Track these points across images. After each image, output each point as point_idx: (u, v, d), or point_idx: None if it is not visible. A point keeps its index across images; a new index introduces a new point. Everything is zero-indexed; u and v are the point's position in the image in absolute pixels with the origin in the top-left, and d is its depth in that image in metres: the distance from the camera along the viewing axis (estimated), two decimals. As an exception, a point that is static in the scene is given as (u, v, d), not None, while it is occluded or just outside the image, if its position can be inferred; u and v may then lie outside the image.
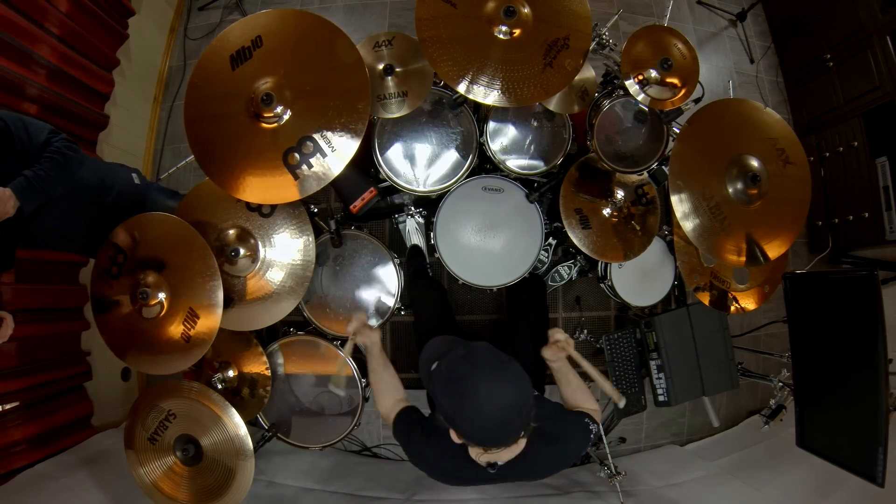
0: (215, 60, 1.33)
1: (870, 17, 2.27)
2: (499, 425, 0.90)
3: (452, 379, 0.92)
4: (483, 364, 0.91)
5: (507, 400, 0.89)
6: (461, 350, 0.95)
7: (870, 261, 2.48)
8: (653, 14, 2.79)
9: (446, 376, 0.93)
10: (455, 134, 1.75)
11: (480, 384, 0.88)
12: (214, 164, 1.33)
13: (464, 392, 0.89)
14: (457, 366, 0.92)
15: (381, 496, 2.02)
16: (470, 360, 0.92)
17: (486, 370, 0.90)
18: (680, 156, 1.43)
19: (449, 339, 1.09)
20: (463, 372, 0.91)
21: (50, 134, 1.35)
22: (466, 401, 0.89)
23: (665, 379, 1.96)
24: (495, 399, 0.88)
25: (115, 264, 1.46)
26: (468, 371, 0.91)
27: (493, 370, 0.90)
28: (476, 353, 0.94)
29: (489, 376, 0.89)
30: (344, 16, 2.73)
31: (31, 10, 1.80)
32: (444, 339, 1.08)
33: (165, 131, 2.69)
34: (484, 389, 0.88)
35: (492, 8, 1.37)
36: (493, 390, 0.88)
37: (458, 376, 0.91)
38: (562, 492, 2.08)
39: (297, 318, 1.77)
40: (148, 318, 1.43)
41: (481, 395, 0.88)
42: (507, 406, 0.89)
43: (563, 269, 2.26)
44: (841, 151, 2.45)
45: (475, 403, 0.88)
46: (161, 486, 1.56)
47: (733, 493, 1.95)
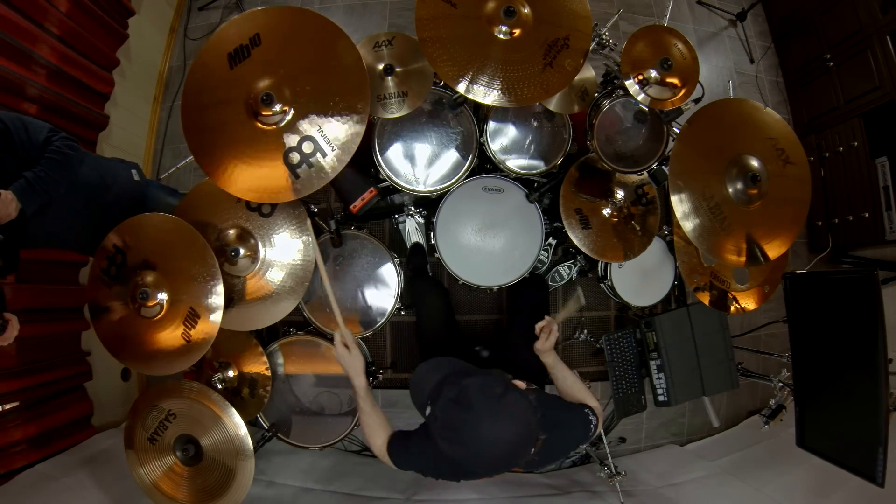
0: (213, 59, 1.32)
1: (870, 17, 2.28)
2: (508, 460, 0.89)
3: (449, 427, 0.89)
4: (477, 405, 0.88)
5: (510, 437, 0.87)
6: (452, 392, 0.91)
7: (870, 261, 2.48)
8: (653, 14, 2.79)
9: (443, 424, 0.90)
10: (455, 134, 1.75)
11: (480, 429, 0.85)
12: (214, 164, 1.32)
13: (464, 441, 0.87)
14: (451, 412, 0.89)
15: (381, 496, 2.02)
16: (463, 404, 0.88)
17: (481, 412, 0.87)
18: (680, 156, 1.43)
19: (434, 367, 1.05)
20: (459, 419, 0.88)
21: (50, 132, 1.35)
22: (468, 449, 0.87)
23: (665, 379, 1.96)
24: (499, 440, 0.86)
25: (113, 265, 1.46)
26: (464, 417, 0.87)
27: (489, 409, 0.87)
28: (467, 393, 0.90)
29: (486, 417, 0.86)
30: (344, 16, 2.73)
31: (31, 10, 1.80)
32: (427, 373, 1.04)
33: (165, 131, 2.69)
34: (486, 434, 0.85)
35: (492, 8, 1.37)
36: (495, 433, 0.86)
37: (455, 424, 0.88)
38: (562, 492, 2.08)
39: (297, 318, 1.77)
40: (147, 319, 1.43)
41: (484, 441, 0.85)
42: (512, 442, 0.87)
43: (563, 269, 2.26)
44: (841, 151, 2.45)
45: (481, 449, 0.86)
46: (161, 486, 1.56)
47: (733, 493, 1.95)
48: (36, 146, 1.32)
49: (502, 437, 0.86)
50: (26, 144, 1.30)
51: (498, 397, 0.88)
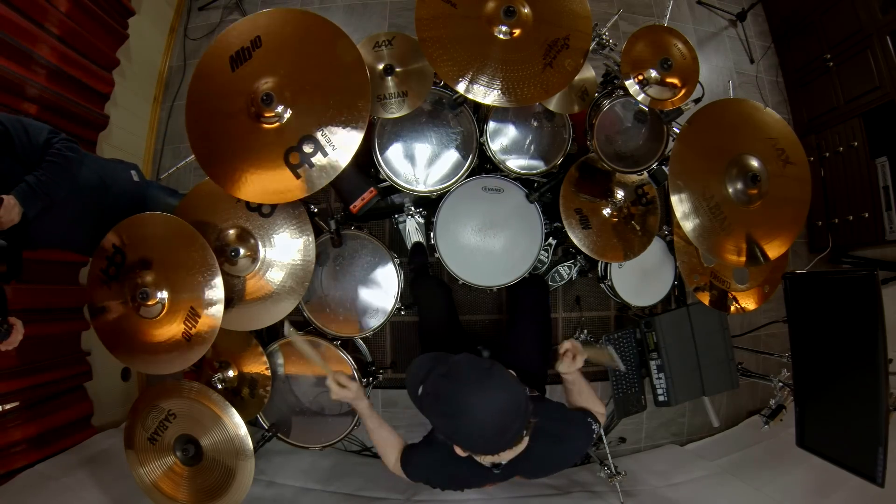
0: (215, 62, 1.33)
1: (870, 17, 2.28)
2: (499, 433, 0.90)
3: (441, 399, 0.92)
4: (466, 377, 0.91)
5: (500, 406, 0.89)
6: (442, 368, 0.94)
7: (870, 261, 2.48)
8: (653, 14, 2.79)
9: (434, 398, 0.93)
10: (455, 134, 1.75)
11: (470, 399, 0.88)
12: (216, 165, 1.33)
13: (456, 410, 0.89)
14: (441, 386, 0.92)
15: (381, 496, 2.02)
16: (453, 377, 0.91)
17: (471, 383, 0.89)
18: (680, 156, 1.43)
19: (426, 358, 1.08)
20: (449, 390, 0.90)
21: (50, 134, 1.35)
22: (461, 418, 0.89)
23: (665, 379, 1.96)
24: (489, 409, 0.88)
25: (112, 264, 1.46)
26: (454, 388, 0.90)
27: (479, 381, 0.90)
28: (457, 367, 0.93)
29: (476, 388, 0.89)
30: (344, 16, 2.73)
31: (31, 10, 1.80)
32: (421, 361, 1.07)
33: (165, 131, 2.69)
34: (475, 403, 0.88)
35: (492, 8, 1.37)
36: (483, 401, 0.88)
37: (446, 396, 0.91)
38: (562, 492, 2.08)
39: (298, 318, 1.77)
40: (147, 318, 1.43)
41: (474, 409, 0.88)
42: (501, 412, 0.89)
43: (563, 269, 2.26)
44: (841, 151, 2.45)
45: (470, 419, 0.88)
46: (161, 486, 1.56)
47: (733, 493, 1.95)
48: (36, 148, 1.32)
49: (493, 407, 0.88)
50: (26, 146, 1.31)
51: (486, 370, 0.92)
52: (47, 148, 1.33)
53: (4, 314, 1.32)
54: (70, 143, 1.38)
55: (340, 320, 1.76)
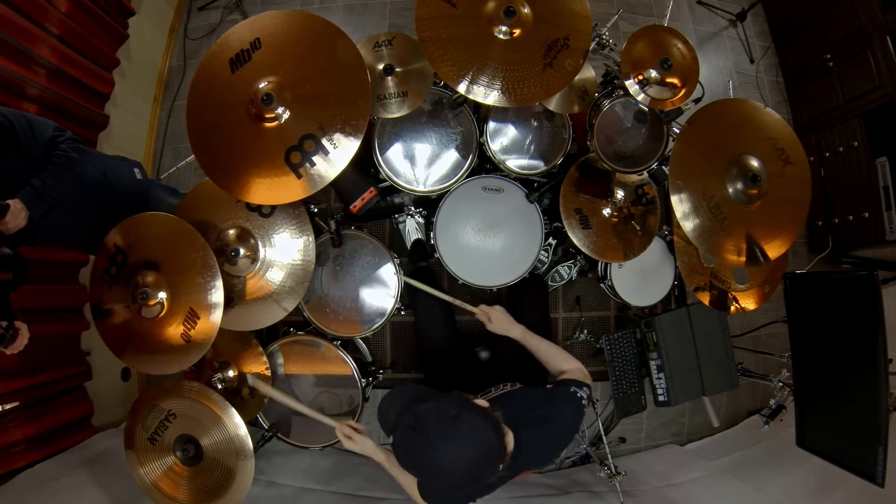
0: (215, 65, 1.33)
1: (870, 17, 2.28)
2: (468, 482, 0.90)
3: (408, 453, 0.92)
4: (432, 430, 0.89)
5: (469, 456, 0.88)
6: (409, 419, 0.92)
7: (870, 261, 2.48)
8: (653, 14, 2.79)
9: (404, 450, 0.92)
10: (455, 134, 1.75)
11: (437, 453, 0.87)
12: (217, 166, 1.33)
13: (423, 465, 0.90)
14: (409, 439, 0.91)
15: (381, 496, 2.02)
16: (419, 429, 0.90)
17: (436, 436, 0.88)
18: (680, 156, 1.43)
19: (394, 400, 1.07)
20: (416, 444, 0.90)
21: (55, 131, 1.36)
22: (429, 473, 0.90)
23: (665, 379, 1.96)
24: (458, 461, 0.87)
25: (114, 264, 1.46)
26: (419, 443, 0.89)
27: (444, 432, 0.88)
28: (422, 419, 0.91)
29: (441, 442, 0.88)
30: (344, 16, 2.73)
31: (31, 10, 1.80)
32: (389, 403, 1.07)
33: (165, 131, 2.69)
34: (442, 457, 0.87)
35: (492, 8, 1.37)
36: (452, 454, 0.87)
37: (413, 450, 0.91)
38: (562, 492, 2.08)
39: (298, 319, 1.77)
40: (148, 318, 1.43)
41: (442, 463, 0.88)
42: (471, 461, 0.88)
43: (563, 269, 2.26)
44: (841, 151, 2.45)
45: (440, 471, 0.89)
46: (161, 486, 1.56)
47: (733, 493, 1.95)
48: (40, 144, 1.33)
49: (460, 457, 0.88)
50: (31, 142, 1.31)
51: (452, 419, 0.89)
52: (52, 145, 1.34)
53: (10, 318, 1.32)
54: (75, 144, 1.39)
55: (340, 320, 1.76)
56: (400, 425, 0.92)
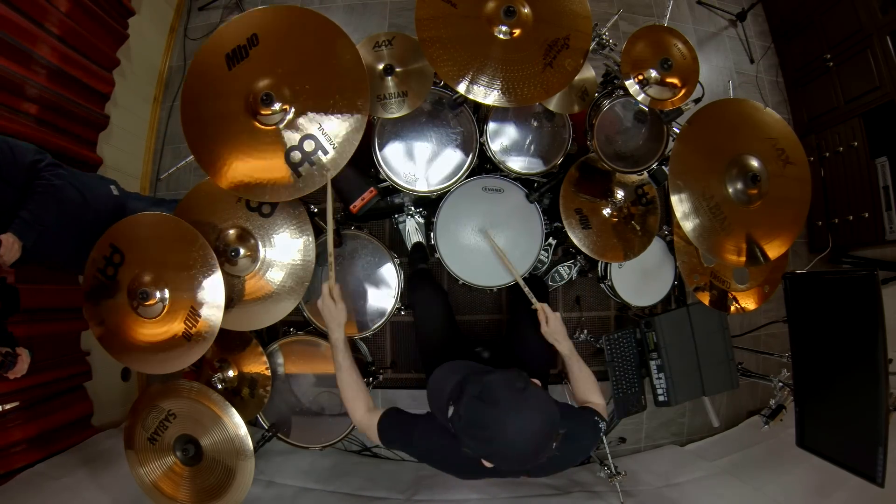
0: (210, 60, 1.32)
1: (870, 17, 2.28)
2: (535, 453, 0.90)
3: (476, 424, 0.90)
4: (503, 401, 0.88)
5: (537, 429, 0.88)
6: (475, 389, 0.91)
7: (870, 261, 2.48)
8: (653, 14, 2.79)
9: (468, 422, 0.91)
10: (455, 134, 1.75)
11: (507, 424, 0.87)
12: (215, 165, 1.33)
13: (493, 436, 0.88)
14: (475, 410, 0.90)
15: (381, 496, 2.02)
16: (488, 400, 0.89)
17: (507, 407, 0.88)
18: (680, 156, 1.43)
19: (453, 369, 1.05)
20: (485, 415, 0.89)
21: (36, 155, 1.39)
22: (497, 444, 0.88)
23: (665, 379, 1.96)
24: (526, 433, 0.87)
25: (110, 264, 1.45)
26: (489, 413, 0.88)
27: (515, 403, 0.88)
28: (491, 389, 0.90)
29: (513, 412, 0.87)
30: (344, 16, 2.73)
31: (31, 10, 1.80)
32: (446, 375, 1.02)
33: (165, 131, 2.69)
34: (512, 428, 0.87)
35: (492, 8, 1.37)
36: (521, 426, 0.87)
37: (481, 421, 0.89)
38: (562, 492, 2.08)
39: (298, 318, 1.77)
40: (147, 318, 1.42)
41: (511, 434, 0.87)
42: (538, 433, 0.89)
43: (563, 269, 2.26)
44: (841, 151, 2.45)
45: (507, 443, 0.88)
46: (161, 486, 1.56)
47: (733, 493, 1.95)
48: (21, 168, 1.36)
49: (529, 430, 0.88)
50: (11, 167, 1.35)
51: (521, 391, 0.90)
52: (33, 171, 1.38)
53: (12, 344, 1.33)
54: (55, 169, 1.42)
55: (340, 320, 1.76)
56: (466, 396, 0.92)
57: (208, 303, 1.39)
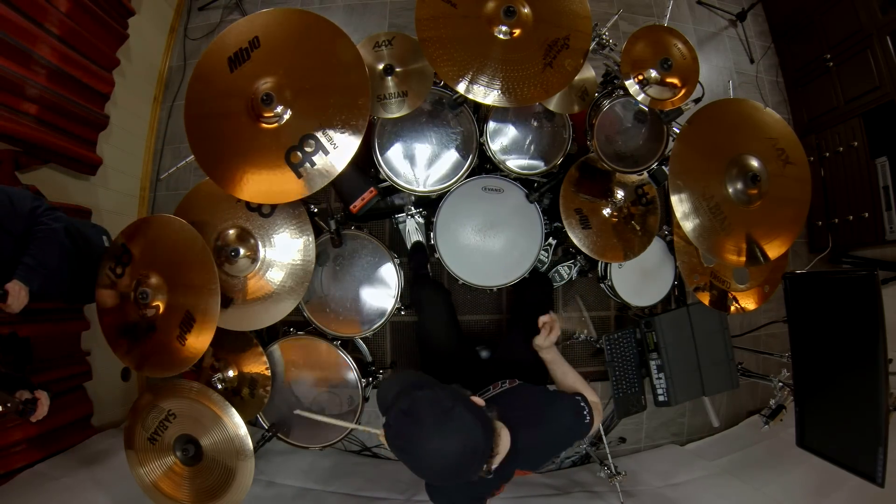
0: (213, 63, 1.33)
1: (870, 17, 2.28)
2: (453, 474, 0.91)
3: (397, 436, 0.92)
4: (424, 419, 0.89)
5: (452, 452, 0.89)
6: (404, 403, 0.93)
7: (870, 261, 2.48)
8: (653, 14, 2.79)
9: (394, 433, 0.93)
10: (455, 134, 1.75)
11: (424, 442, 0.88)
12: (217, 166, 1.33)
13: (409, 450, 0.91)
14: (401, 423, 0.92)
15: (381, 496, 2.02)
16: (412, 416, 0.90)
17: (426, 426, 0.89)
18: (680, 156, 1.43)
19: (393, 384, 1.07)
20: (405, 429, 0.91)
21: (34, 202, 1.40)
22: (413, 459, 0.91)
23: (665, 379, 1.96)
24: (441, 455, 0.88)
25: (119, 264, 1.47)
26: (410, 429, 0.90)
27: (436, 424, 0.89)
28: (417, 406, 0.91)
29: (433, 432, 0.88)
30: (344, 16, 2.73)
31: (31, 10, 1.80)
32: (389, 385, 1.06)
33: (165, 131, 2.69)
34: (429, 447, 0.88)
35: (492, 8, 1.37)
36: (438, 446, 0.88)
37: (402, 434, 0.91)
38: (562, 492, 2.08)
39: (298, 318, 1.77)
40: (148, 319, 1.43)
41: (424, 453, 0.89)
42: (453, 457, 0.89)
43: (563, 269, 2.26)
44: (841, 151, 2.45)
45: (421, 461, 0.90)
46: (161, 486, 1.56)
47: (733, 493, 1.95)
48: (21, 216, 1.36)
49: (446, 451, 0.88)
50: (11, 215, 1.35)
51: (446, 411, 0.90)
52: (32, 218, 1.38)
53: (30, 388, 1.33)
54: (54, 213, 1.43)
55: (340, 320, 1.76)
56: (395, 408, 0.93)
57: (204, 308, 1.40)
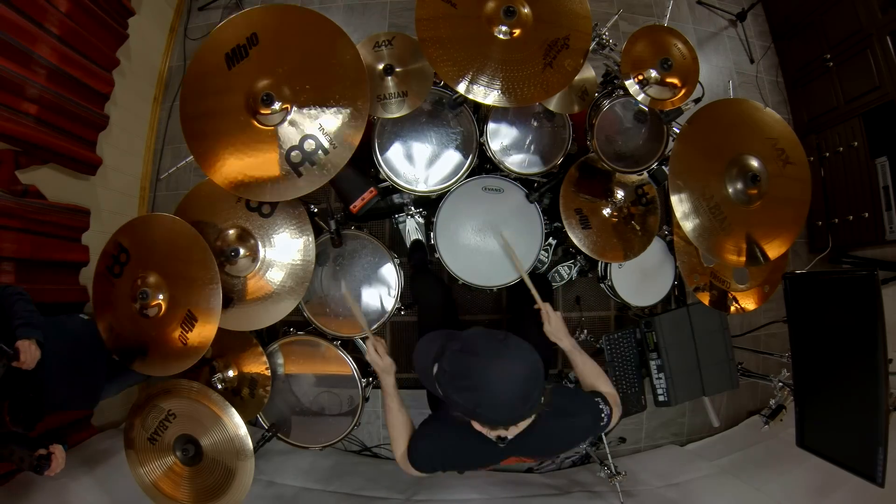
0: (210, 59, 1.32)
1: (870, 17, 2.27)
2: (520, 401, 0.90)
3: (459, 375, 0.92)
4: (482, 350, 0.91)
5: (519, 373, 0.90)
6: (456, 344, 0.94)
7: (870, 261, 2.48)
8: (653, 14, 2.79)
9: (452, 374, 0.93)
10: (455, 134, 1.75)
11: (489, 371, 0.89)
12: (215, 165, 1.33)
13: (476, 384, 0.89)
14: (458, 361, 0.92)
15: (381, 496, 2.02)
16: (469, 351, 0.92)
17: (487, 355, 0.90)
18: (680, 156, 1.43)
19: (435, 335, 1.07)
20: (467, 365, 0.91)
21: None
22: (482, 391, 0.89)
23: (665, 379, 1.96)
24: (508, 378, 0.89)
25: (117, 263, 1.47)
26: (471, 362, 0.91)
27: (495, 351, 0.91)
28: (471, 341, 0.94)
29: (493, 360, 0.89)
30: (344, 16, 2.74)
31: (31, 10, 1.80)
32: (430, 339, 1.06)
33: (165, 131, 2.70)
34: (494, 374, 0.88)
35: (492, 8, 1.37)
36: (503, 371, 0.88)
37: (464, 371, 0.91)
38: (562, 492, 2.08)
39: (298, 318, 1.77)
40: (149, 318, 1.43)
41: (493, 380, 0.88)
42: (521, 379, 0.90)
43: (563, 269, 2.26)
44: (841, 151, 2.45)
45: (491, 390, 0.89)
46: (161, 486, 1.56)
47: (733, 493, 1.95)
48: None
49: (512, 374, 0.89)
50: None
51: (500, 340, 0.92)
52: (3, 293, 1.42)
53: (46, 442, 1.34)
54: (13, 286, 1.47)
55: (340, 320, 1.76)
56: (448, 351, 0.94)
57: (206, 307, 1.40)
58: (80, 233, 2.15)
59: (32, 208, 1.85)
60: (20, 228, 1.80)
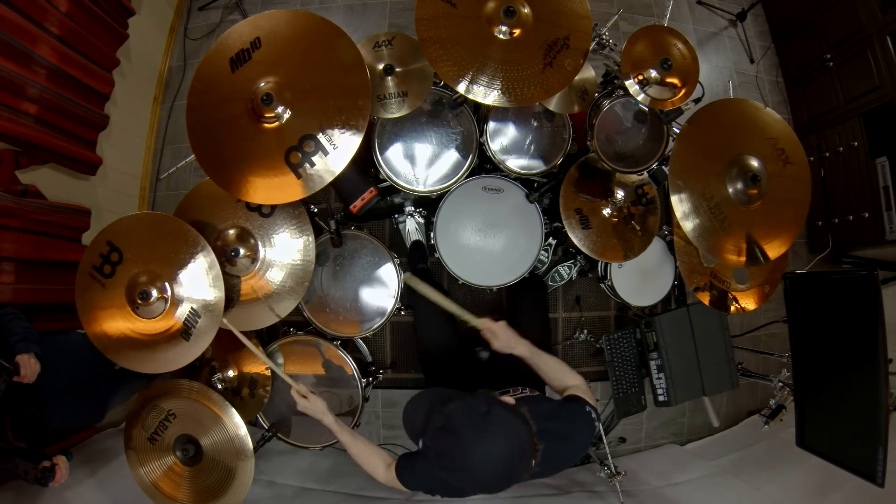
0: (215, 64, 1.33)
1: (870, 17, 2.27)
2: (505, 480, 0.90)
3: (442, 455, 0.91)
4: (464, 429, 0.89)
5: (500, 455, 0.88)
6: (438, 420, 0.92)
7: (870, 261, 2.48)
8: (653, 14, 2.79)
9: (436, 453, 0.91)
10: (455, 134, 1.75)
11: (470, 453, 0.87)
12: (217, 166, 1.33)
13: (459, 466, 0.89)
14: (440, 442, 0.90)
15: (381, 496, 2.02)
16: (451, 430, 0.90)
17: (469, 435, 0.88)
18: (680, 156, 1.43)
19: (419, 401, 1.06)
20: (449, 445, 0.89)
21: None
22: (465, 472, 0.89)
23: (665, 379, 1.96)
24: (491, 461, 0.87)
25: (107, 262, 1.43)
26: (453, 442, 0.89)
27: (477, 431, 0.88)
28: (453, 418, 0.91)
29: (476, 440, 0.87)
30: (344, 16, 2.73)
31: (31, 10, 1.80)
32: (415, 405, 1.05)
33: (165, 131, 2.69)
34: (476, 457, 0.87)
35: (492, 8, 1.37)
36: (485, 455, 0.87)
37: (446, 452, 0.90)
38: (562, 492, 2.08)
39: (298, 319, 1.77)
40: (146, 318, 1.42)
41: (476, 464, 0.87)
42: (505, 456, 0.88)
43: (563, 269, 2.26)
44: (841, 151, 2.45)
45: (474, 474, 0.88)
46: (161, 486, 1.56)
47: (733, 492, 1.95)
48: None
49: (494, 455, 0.87)
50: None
51: (482, 416, 0.89)
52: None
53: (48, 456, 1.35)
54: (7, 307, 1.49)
55: (340, 320, 1.76)
56: (430, 428, 0.92)
57: (208, 303, 1.39)
58: (81, 233, 2.15)
59: (32, 208, 1.85)
60: (20, 228, 1.80)
